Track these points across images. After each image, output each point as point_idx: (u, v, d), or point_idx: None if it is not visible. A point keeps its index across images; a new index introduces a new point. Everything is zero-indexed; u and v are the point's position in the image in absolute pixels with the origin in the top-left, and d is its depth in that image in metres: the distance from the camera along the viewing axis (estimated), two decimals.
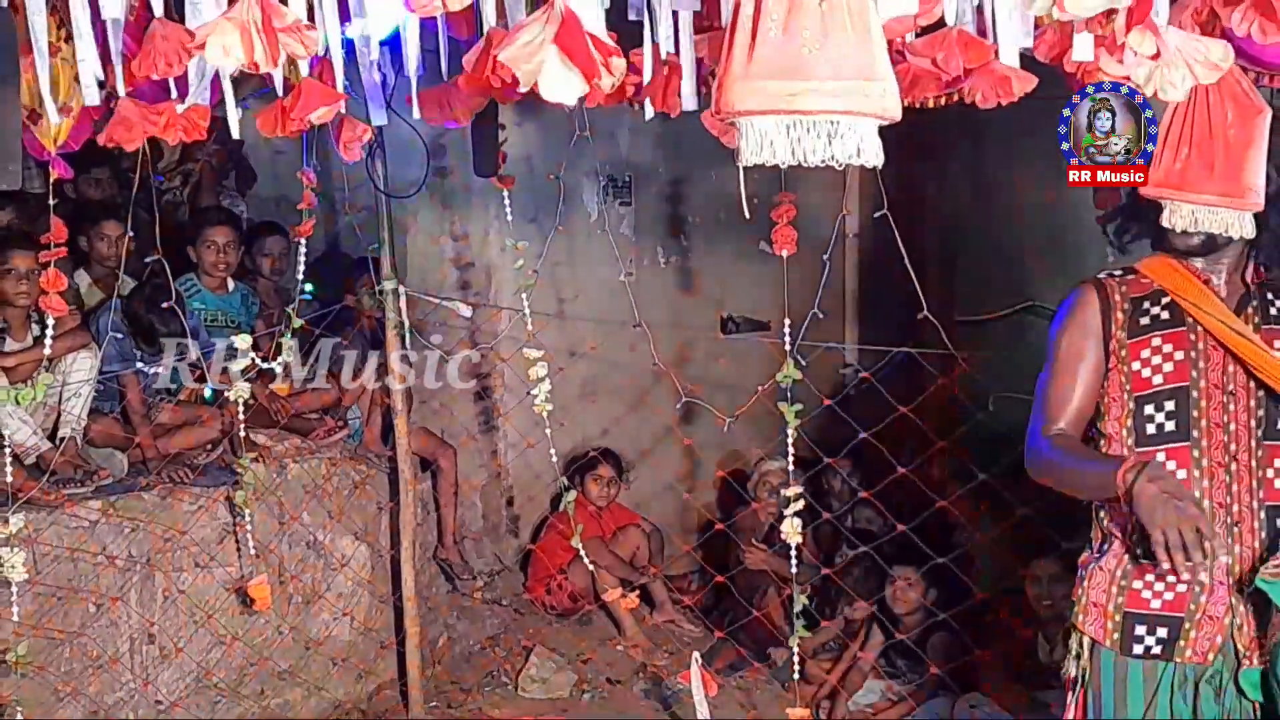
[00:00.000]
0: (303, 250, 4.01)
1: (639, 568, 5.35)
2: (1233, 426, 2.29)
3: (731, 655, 4.92)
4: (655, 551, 5.51)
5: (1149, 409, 2.34)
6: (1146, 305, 2.37)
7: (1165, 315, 2.35)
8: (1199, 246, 2.28)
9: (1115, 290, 2.40)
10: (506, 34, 2.18)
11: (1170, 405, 2.31)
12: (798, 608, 3.71)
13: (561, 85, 1.79)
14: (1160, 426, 2.33)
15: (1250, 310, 2.32)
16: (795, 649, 3.80)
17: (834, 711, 4.47)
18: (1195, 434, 2.29)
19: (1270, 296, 2.33)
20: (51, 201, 3.12)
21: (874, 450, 3.97)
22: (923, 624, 4.47)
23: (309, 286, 4.19)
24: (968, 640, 4.21)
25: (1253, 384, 2.28)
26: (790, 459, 3.69)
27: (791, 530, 3.62)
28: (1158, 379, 2.33)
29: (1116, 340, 2.37)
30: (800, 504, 3.63)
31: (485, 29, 2.36)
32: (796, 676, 3.87)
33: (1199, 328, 2.32)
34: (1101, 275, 2.45)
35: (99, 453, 4.04)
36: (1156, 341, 2.34)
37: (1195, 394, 2.29)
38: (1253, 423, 2.29)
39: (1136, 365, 2.35)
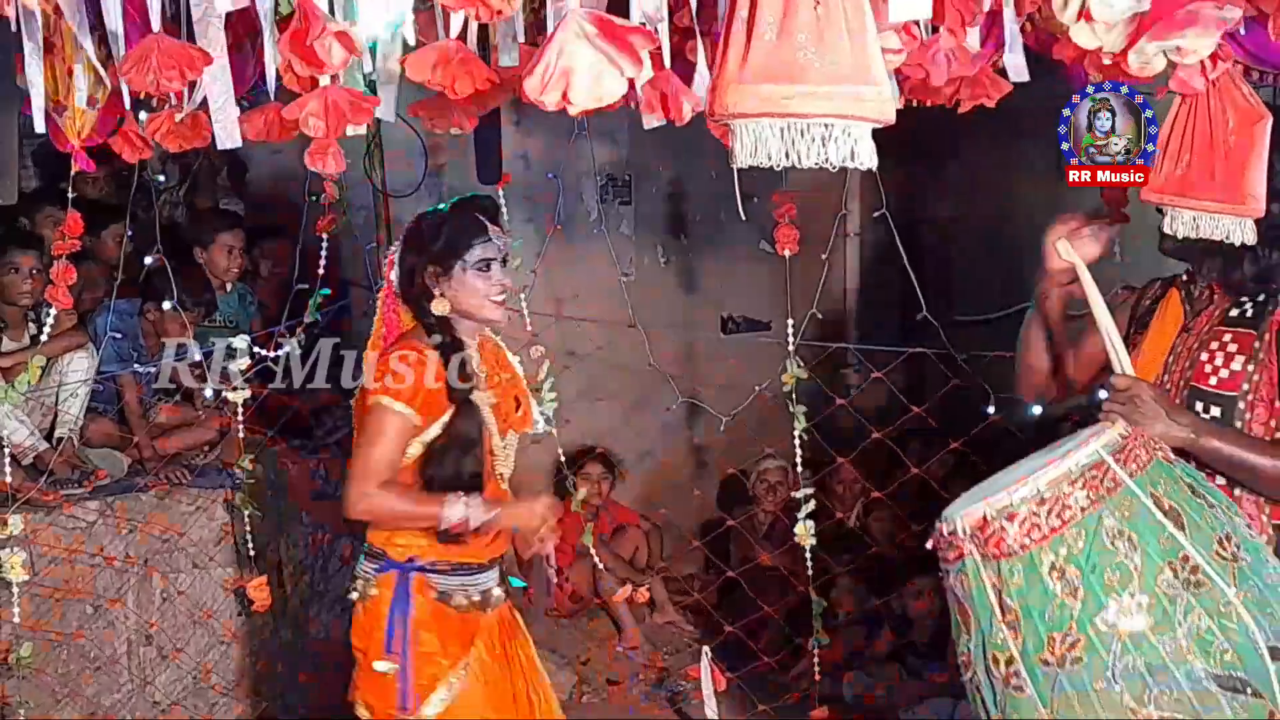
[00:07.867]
0: (324, 247, 3.99)
1: (639, 568, 5.33)
2: None
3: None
4: (655, 551, 5.50)
5: None
6: (1154, 306, 2.43)
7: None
8: (1175, 251, 2.30)
9: (1146, 294, 2.47)
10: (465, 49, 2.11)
11: None
12: (817, 610, 3.69)
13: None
14: None
15: (1211, 312, 2.30)
16: (816, 651, 3.78)
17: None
18: None
19: (1247, 300, 2.29)
20: (71, 195, 3.10)
21: (876, 450, 3.96)
22: (936, 625, 4.46)
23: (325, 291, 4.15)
24: None
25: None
26: (799, 460, 3.67)
27: (804, 533, 3.59)
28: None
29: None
30: (812, 505, 3.60)
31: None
32: (818, 678, 3.86)
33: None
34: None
35: (97, 453, 4.03)
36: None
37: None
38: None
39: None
